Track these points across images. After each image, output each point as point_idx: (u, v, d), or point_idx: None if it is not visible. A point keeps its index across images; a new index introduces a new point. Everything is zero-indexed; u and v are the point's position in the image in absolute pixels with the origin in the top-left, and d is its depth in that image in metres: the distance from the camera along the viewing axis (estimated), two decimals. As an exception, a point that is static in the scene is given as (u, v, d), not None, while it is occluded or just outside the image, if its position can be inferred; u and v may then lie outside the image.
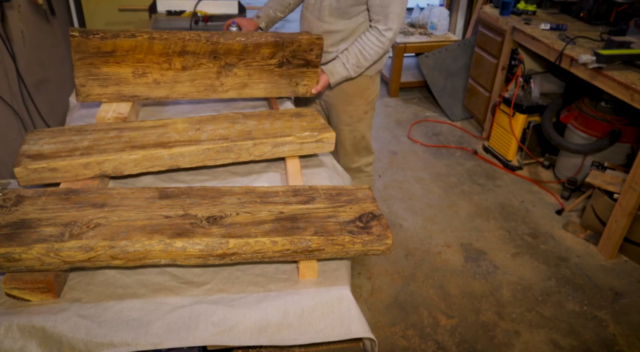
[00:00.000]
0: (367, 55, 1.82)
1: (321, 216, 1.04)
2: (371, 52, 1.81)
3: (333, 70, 1.84)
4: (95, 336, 0.86)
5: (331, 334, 0.92)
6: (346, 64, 1.83)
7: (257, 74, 1.65)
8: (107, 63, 1.49)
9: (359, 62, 1.83)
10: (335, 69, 1.84)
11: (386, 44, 1.80)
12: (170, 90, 1.59)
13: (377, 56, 1.83)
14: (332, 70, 1.84)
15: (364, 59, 1.82)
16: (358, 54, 1.82)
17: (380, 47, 1.80)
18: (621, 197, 2.30)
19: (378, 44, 1.80)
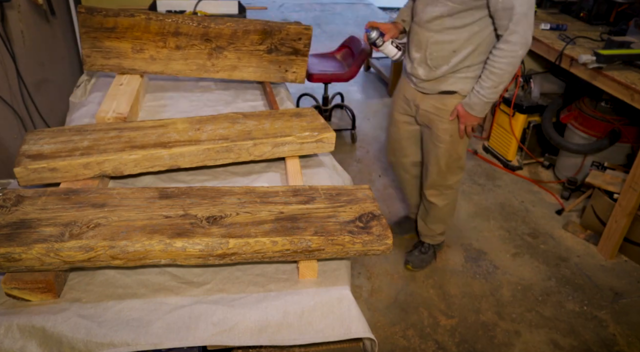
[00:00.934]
0: (498, 70, 1.62)
1: (321, 216, 1.04)
2: (501, 66, 1.61)
3: (470, 103, 1.73)
4: (95, 336, 0.86)
5: (331, 334, 0.92)
6: (480, 90, 1.68)
7: (246, 58, 1.77)
8: (109, 38, 1.66)
9: (494, 83, 1.65)
10: (471, 100, 1.73)
11: (513, 50, 1.57)
12: (165, 67, 1.73)
13: (510, 68, 1.62)
14: (469, 103, 1.73)
15: (496, 77, 1.63)
16: (489, 75, 1.65)
17: (508, 57, 1.59)
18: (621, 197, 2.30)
19: (505, 54, 1.59)
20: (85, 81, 1.86)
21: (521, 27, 1.55)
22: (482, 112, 1.76)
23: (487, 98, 1.69)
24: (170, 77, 1.91)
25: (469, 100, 1.73)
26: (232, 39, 1.73)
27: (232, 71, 1.78)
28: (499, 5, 1.55)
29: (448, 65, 1.73)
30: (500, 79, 1.64)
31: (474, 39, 1.67)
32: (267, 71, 1.80)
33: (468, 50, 1.68)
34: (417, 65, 1.79)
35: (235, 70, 1.78)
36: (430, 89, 1.84)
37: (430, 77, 1.79)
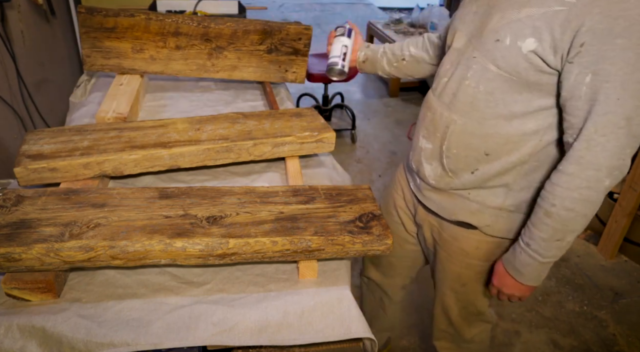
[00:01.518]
0: (562, 210, 0.94)
1: (321, 216, 1.04)
2: (566, 203, 0.94)
3: (515, 263, 1.06)
4: (95, 336, 0.86)
5: (331, 334, 0.92)
6: (531, 243, 1.01)
7: (246, 58, 1.76)
8: (109, 38, 1.66)
9: (554, 232, 0.97)
10: (517, 259, 1.05)
11: (590, 178, 0.91)
12: (165, 67, 1.73)
13: (584, 207, 0.93)
14: (514, 262, 1.06)
15: (559, 222, 0.95)
16: (544, 218, 0.97)
17: (581, 188, 0.92)
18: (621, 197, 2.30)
19: (574, 182, 0.92)
20: (85, 81, 1.86)
21: (613, 140, 0.88)
22: (537, 279, 1.06)
23: (543, 257, 1.01)
24: (170, 77, 1.91)
25: (512, 259, 1.07)
26: (232, 39, 1.73)
27: (232, 71, 1.78)
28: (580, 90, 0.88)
29: (474, 175, 1.09)
30: (566, 225, 0.96)
31: (523, 141, 1.02)
32: (267, 71, 1.80)
33: (511, 159, 1.04)
34: (426, 161, 1.15)
35: (235, 70, 1.78)
36: (437, 206, 1.19)
37: (441, 185, 1.15)
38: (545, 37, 0.90)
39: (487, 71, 0.99)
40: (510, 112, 0.99)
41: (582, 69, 0.87)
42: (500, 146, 1.03)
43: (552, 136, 1.01)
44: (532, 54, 0.92)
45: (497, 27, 0.96)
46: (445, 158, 1.10)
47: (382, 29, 4.25)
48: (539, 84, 0.95)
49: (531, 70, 0.93)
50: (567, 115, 0.93)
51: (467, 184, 1.10)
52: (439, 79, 1.11)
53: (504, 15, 0.96)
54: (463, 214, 1.15)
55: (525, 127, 1.00)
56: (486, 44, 0.98)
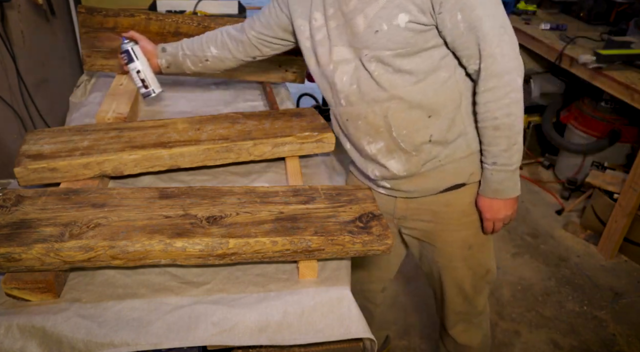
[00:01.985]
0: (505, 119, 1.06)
1: (321, 216, 1.04)
2: (504, 111, 1.05)
3: (494, 186, 1.14)
4: (95, 336, 0.86)
5: (331, 334, 0.92)
6: (498, 160, 1.11)
7: None
8: (110, 38, 1.66)
9: (508, 140, 1.08)
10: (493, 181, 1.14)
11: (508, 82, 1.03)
12: None
13: (515, 107, 1.05)
14: (493, 186, 1.14)
15: (506, 129, 1.07)
16: (494, 132, 1.08)
17: (507, 94, 1.04)
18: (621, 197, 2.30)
19: (499, 93, 1.04)
20: (85, 81, 1.87)
21: (505, 46, 1.02)
22: (515, 187, 1.15)
23: (511, 165, 1.11)
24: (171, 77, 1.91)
25: (489, 183, 1.14)
26: None
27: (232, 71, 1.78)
28: (459, 27, 1.02)
29: (432, 140, 1.14)
30: (512, 129, 1.07)
31: (445, 89, 1.11)
32: (267, 71, 1.80)
33: (449, 109, 1.13)
34: (385, 160, 1.18)
35: (235, 71, 1.78)
36: (420, 189, 1.21)
37: (412, 169, 1.17)
38: (410, 7, 1.03)
39: (384, 57, 1.08)
40: (423, 73, 1.10)
41: (451, 13, 1.01)
42: (434, 103, 1.12)
43: (462, 72, 1.13)
44: (410, 24, 1.04)
45: (369, 23, 1.07)
46: (402, 142, 1.15)
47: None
48: (427, 41, 1.07)
49: (416, 36, 1.06)
50: (461, 51, 1.06)
51: (432, 151, 1.16)
52: (344, 92, 1.16)
53: (366, 12, 1.07)
54: (446, 180, 1.20)
55: (440, 78, 1.11)
56: (369, 39, 1.08)
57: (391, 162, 1.18)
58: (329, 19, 1.14)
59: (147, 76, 1.44)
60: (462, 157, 1.17)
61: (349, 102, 1.17)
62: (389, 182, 1.23)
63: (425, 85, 1.10)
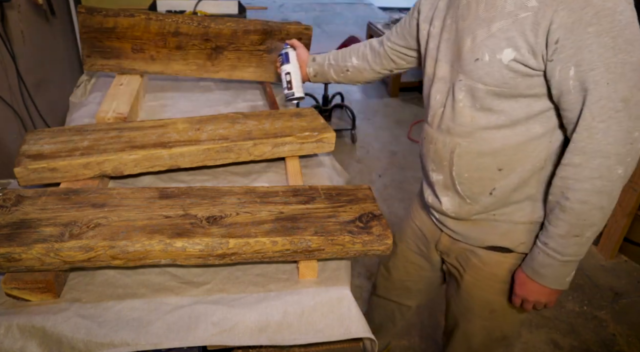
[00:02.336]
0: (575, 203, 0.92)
1: (321, 216, 1.04)
2: (578, 195, 0.91)
3: (535, 266, 1.02)
4: (95, 336, 0.86)
5: (331, 334, 0.92)
6: (549, 242, 0.98)
7: (246, 58, 1.77)
8: (109, 38, 1.66)
9: (570, 226, 0.94)
10: (535, 261, 1.02)
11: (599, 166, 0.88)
12: (165, 67, 1.73)
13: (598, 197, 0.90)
14: (533, 266, 1.03)
15: (574, 216, 0.93)
16: (559, 213, 0.95)
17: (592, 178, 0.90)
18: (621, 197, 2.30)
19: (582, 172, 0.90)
20: (85, 81, 1.87)
21: (613, 125, 0.86)
22: (560, 280, 1.01)
23: (562, 255, 0.97)
24: (170, 77, 1.91)
25: (533, 261, 1.03)
26: (232, 39, 1.72)
27: (232, 71, 1.78)
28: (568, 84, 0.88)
29: (492, 195, 1.04)
30: (583, 219, 0.92)
31: (533, 146, 0.99)
32: (267, 71, 1.80)
33: (526, 168, 1.00)
34: (440, 193, 1.13)
35: (235, 70, 1.78)
36: (464, 235, 1.15)
37: (462, 214, 1.11)
38: (520, 44, 0.91)
39: (476, 90, 0.98)
40: (512, 120, 0.97)
41: (563, 64, 0.87)
42: (511, 157, 1.00)
43: (562, 136, 0.99)
44: (514, 63, 0.92)
45: (473, 48, 0.97)
46: (459, 185, 1.07)
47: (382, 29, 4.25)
48: (530, 87, 0.94)
49: (518, 78, 0.93)
50: (564, 111, 0.92)
51: (488, 206, 1.06)
52: (433, 111, 1.10)
53: (476, 35, 0.97)
54: (493, 238, 1.10)
55: (531, 132, 0.98)
56: (468, 65, 0.99)
57: (444, 199, 1.12)
58: (444, 30, 1.06)
59: (293, 79, 1.52)
60: (520, 222, 1.06)
61: (432, 122, 1.11)
62: (439, 215, 1.18)
63: (509, 134, 0.98)
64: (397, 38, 1.30)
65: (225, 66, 1.76)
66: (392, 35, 1.33)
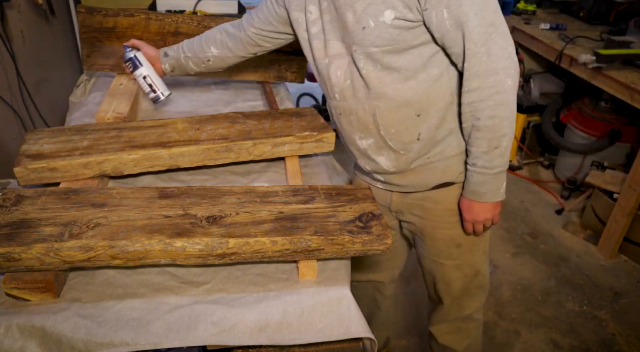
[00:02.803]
0: (488, 121, 1.03)
1: (321, 216, 1.04)
2: (488, 112, 1.03)
3: (474, 188, 1.13)
4: (95, 336, 0.86)
5: (331, 334, 0.92)
6: (478, 162, 1.09)
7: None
8: (109, 38, 1.67)
9: (490, 142, 1.06)
10: (472, 183, 1.13)
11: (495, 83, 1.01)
12: None
13: (503, 109, 1.02)
14: (473, 188, 1.13)
15: (489, 131, 1.04)
16: (476, 133, 1.06)
17: (492, 96, 1.01)
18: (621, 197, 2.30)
19: (484, 93, 1.02)
20: (85, 81, 1.87)
21: (492, 46, 0.99)
22: (497, 192, 1.12)
23: (491, 169, 1.08)
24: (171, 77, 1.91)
25: (469, 184, 1.14)
26: None
27: (232, 71, 1.78)
28: (446, 25, 0.99)
29: (420, 139, 1.14)
30: (495, 132, 1.04)
31: (438, 87, 1.10)
32: (267, 71, 1.80)
33: (439, 107, 1.11)
34: (375, 156, 1.19)
35: (235, 71, 1.78)
36: (411, 185, 1.22)
37: (402, 166, 1.19)
38: (396, 4, 1.02)
39: (373, 54, 1.07)
40: (412, 71, 1.08)
41: (437, 10, 0.99)
42: (424, 102, 1.11)
43: (456, 71, 1.11)
44: (396, 21, 1.03)
45: (357, 19, 1.06)
46: (390, 141, 1.15)
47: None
48: (416, 38, 1.05)
49: (403, 33, 1.04)
50: (450, 49, 1.04)
51: (421, 150, 1.16)
52: (339, 87, 1.16)
53: (355, 8, 1.06)
54: (436, 178, 1.20)
55: (431, 76, 1.09)
56: (357, 36, 1.07)
57: (381, 159, 1.20)
58: (324, 13, 1.13)
59: (154, 81, 1.47)
60: (452, 156, 1.17)
61: (342, 97, 1.17)
62: (382, 177, 1.25)
63: (415, 84, 1.09)
64: (261, 24, 1.32)
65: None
66: (254, 21, 1.34)
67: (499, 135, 1.05)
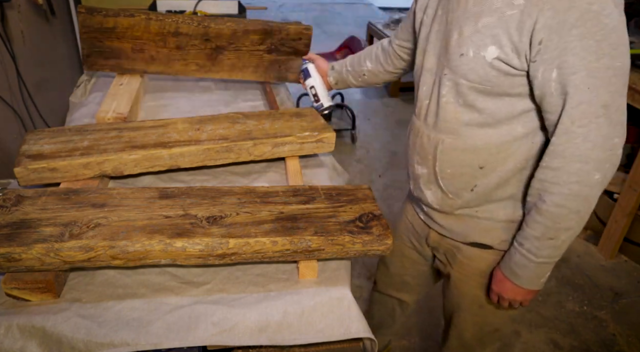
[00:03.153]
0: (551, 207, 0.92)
1: (321, 216, 1.04)
2: (555, 199, 0.91)
3: (512, 266, 1.03)
4: (95, 336, 0.86)
5: (331, 334, 0.92)
6: (525, 243, 0.99)
7: (246, 58, 1.76)
8: (109, 38, 1.66)
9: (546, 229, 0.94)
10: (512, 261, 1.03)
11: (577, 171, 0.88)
12: (165, 67, 1.73)
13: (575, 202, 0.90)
14: (510, 265, 1.04)
15: (550, 219, 0.93)
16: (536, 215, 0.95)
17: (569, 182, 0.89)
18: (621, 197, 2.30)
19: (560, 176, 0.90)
20: (85, 81, 1.87)
21: (593, 130, 0.85)
22: (535, 281, 1.02)
23: (537, 257, 0.97)
24: (170, 77, 1.91)
25: (509, 261, 1.04)
26: (232, 39, 1.72)
27: (232, 71, 1.77)
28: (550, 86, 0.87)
29: (474, 191, 1.06)
30: (558, 223, 0.92)
31: (515, 147, 0.99)
32: (267, 71, 1.80)
33: (507, 168, 1.01)
34: (424, 187, 1.14)
35: (235, 70, 1.78)
36: (449, 229, 1.17)
37: (445, 208, 1.13)
38: (504, 42, 0.90)
39: (460, 85, 0.98)
40: (495, 119, 0.98)
41: (546, 66, 0.87)
42: (493, 156, 1.01)
43: (543, 138, 0.99)
44: (497, 61, 0.92)
45: (459, 42, 0.97)
46: (441, 180, 1.09)
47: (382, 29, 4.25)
48: (513, 87, 0.94)
49: (501, 76, 0.93)
50: (546, 113, 0.92)
51: (470, 202, 1.08)
52: (420, 102, 1.11)
53: (462, 30, 0.96)
54: (475, 234, 1.12)
55: (513, 132, 0.98)
56: (453, 60, 0.98)
57: (428, 192, 1.14)
58: (435, 21, 1.05)
59: (317, 91, 1.59)
60: (502, 220, 1.08)
61: (419, 114, 1.11)
62: (425, 208, 1.21)
63: (492, 133, 0.99)
64: (402, 33, 1.31)
65: (225, 66, 1.76)
66: (398, 31, 1.34)
67: (560, 227, 0.93)
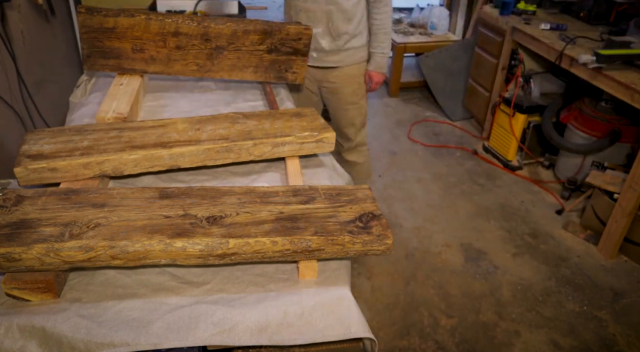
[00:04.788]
0: (388, 28, 2.03)
1: (321, 216, 1.04)
2: (388, 23, 2.01)
3: (379, 65, 2.10)
4: (95, 336, 0.87)
5: (331, 334, 0.92)
6: (385, 51, 2.07)
7: (246, 58, 1.77)
8: (109, 38, 1.66)
9: (389, 40, 2.07)
10: (377, 63, 2.11)
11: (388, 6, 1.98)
12: (165, 67, 1.73)
13: (390, 22, 2.04)
14: (379, 65, 2.11)
15: (388, 35, 2.04)
16: (384, 35, 2.02)
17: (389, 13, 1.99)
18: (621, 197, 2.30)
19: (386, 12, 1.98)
20: (85, 81, 1.87)
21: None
22: (385, 66, 2.15)
23: (388, 55, 2.11)
24: (170, 77, 1.91)
25: (376, 63, 2.11)
26: (232, 39, 1.72)
27: (232, 71, 1.78)
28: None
29: (347, 32, 2.01)
30: (390, 34, 2.07)
31: (360, 5, 1.98)
32: (267, 71, 1.80)
33: (358, 15, 2.00)
34: (320, 38, 2.02)
35: (235, 70, 1.78)
36: (336, 61, 2.08)
37: (334, 47, 2.04)
38: None
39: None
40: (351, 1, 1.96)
41: None
42: (353, 12, 1.97)
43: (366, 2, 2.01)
44: None
45: None
46: (332, 30, 2.00)
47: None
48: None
49: None
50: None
51: (346, 38, 2.02)
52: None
53: None
54: (351, 59, 2.10)
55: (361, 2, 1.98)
56: None
57: (323, 41, 2.03)
58: None
59: None
60: (361, 46, 2.09)
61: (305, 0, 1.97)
62: (317, 54, 2.07)
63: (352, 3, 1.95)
64: None
65: (225, 66, 1.76)
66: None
67: (388, 30, 2.05)
